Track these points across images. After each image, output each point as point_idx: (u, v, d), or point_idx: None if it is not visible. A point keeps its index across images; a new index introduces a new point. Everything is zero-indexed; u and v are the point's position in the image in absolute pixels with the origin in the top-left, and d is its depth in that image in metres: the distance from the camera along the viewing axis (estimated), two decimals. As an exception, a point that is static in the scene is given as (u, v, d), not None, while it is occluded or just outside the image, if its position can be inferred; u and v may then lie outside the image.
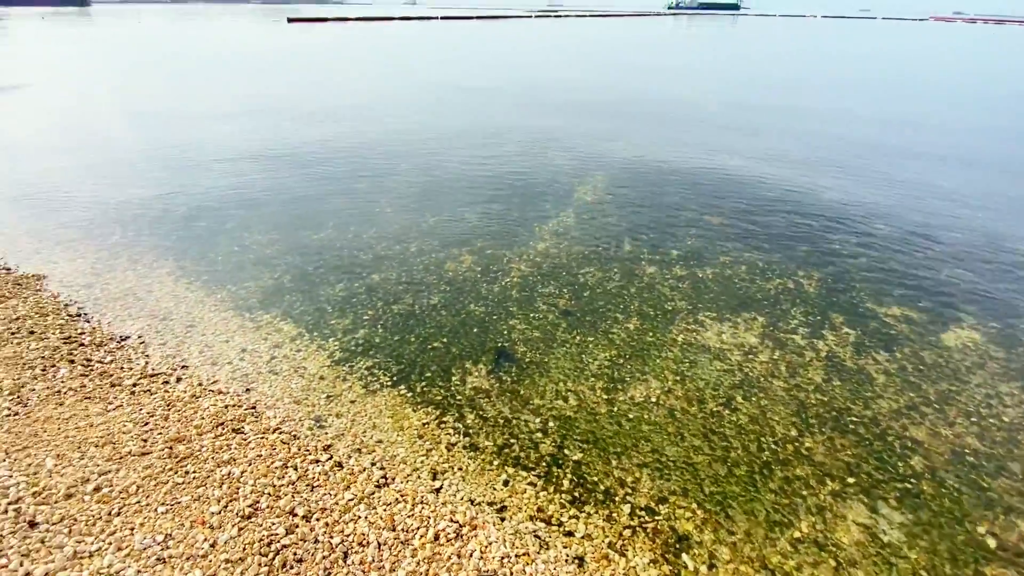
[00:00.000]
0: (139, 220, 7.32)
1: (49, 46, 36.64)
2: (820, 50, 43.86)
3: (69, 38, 44.73)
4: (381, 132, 12.65)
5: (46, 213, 7.46)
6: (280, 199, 8.23)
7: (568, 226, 7.39)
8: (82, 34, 50.16)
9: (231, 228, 7.15)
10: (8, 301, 5.02)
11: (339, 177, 9.29)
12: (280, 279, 5.88)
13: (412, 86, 20.37)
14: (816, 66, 31.01)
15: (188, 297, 5.43)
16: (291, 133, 12.34)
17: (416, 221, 7.52)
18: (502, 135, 12.44)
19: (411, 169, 9.79)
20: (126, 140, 11.56)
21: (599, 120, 14.41)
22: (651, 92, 19.49)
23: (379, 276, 5.99)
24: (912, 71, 29.54)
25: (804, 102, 18.00)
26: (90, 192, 8.32)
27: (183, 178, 9.10)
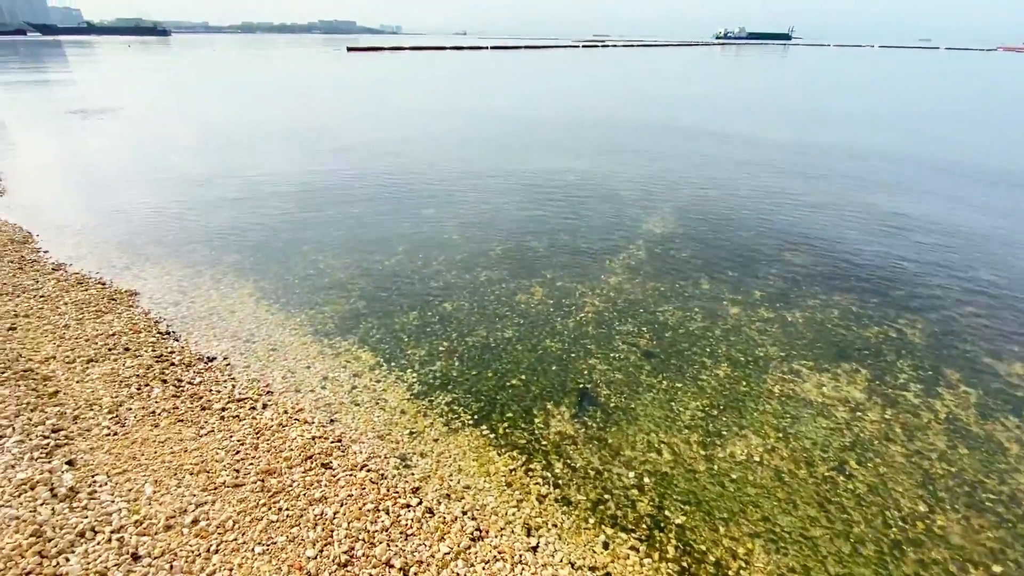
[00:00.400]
0: (219, 239, 7.59)
1: (136, 72, 39.87)
2: (882, 82, 42.38)
3: (153, 65, 48.62)
4: (444, 159, 12.87)
5: (136, 229, 7.86)
6: (349, 223, 8.39)
7: (640, 260, 7.17)
8: (164, 61, 54.47)
9: (306, 251, 7.30)
10: (104, 316, 5.21)
11: (405, 203, 9.43)
12: (355, 304, 5.90)
13: (470, 114, 20.82)
14: (880, 99, 29.86)
15: (269, 319, 5.50)
16: (357, 158, 12.72)
17: (483, 249, 7.48)
18: (562, 164, 12.42)
19: (475, 197, 9.84)
20: (205, 161, 12.20)
21: (658, 151, 14.21)
22: (710, 126, 19.17)
23: (451, 305, 5.93)
24: (988, 103, 27.99)
25: (876, 137, 17.25)
26: (175, 210, 8.74)
27: (258, 199, 9.45)
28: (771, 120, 20.29)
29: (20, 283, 5.79)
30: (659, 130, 17.30)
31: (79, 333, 4.83)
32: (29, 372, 4.09)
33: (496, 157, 13.08)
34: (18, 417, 3.54)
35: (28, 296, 5.48)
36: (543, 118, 19.86)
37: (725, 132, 17.10)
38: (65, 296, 5.56)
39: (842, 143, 15.66)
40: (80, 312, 5.24)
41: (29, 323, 4.92)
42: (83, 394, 3.94)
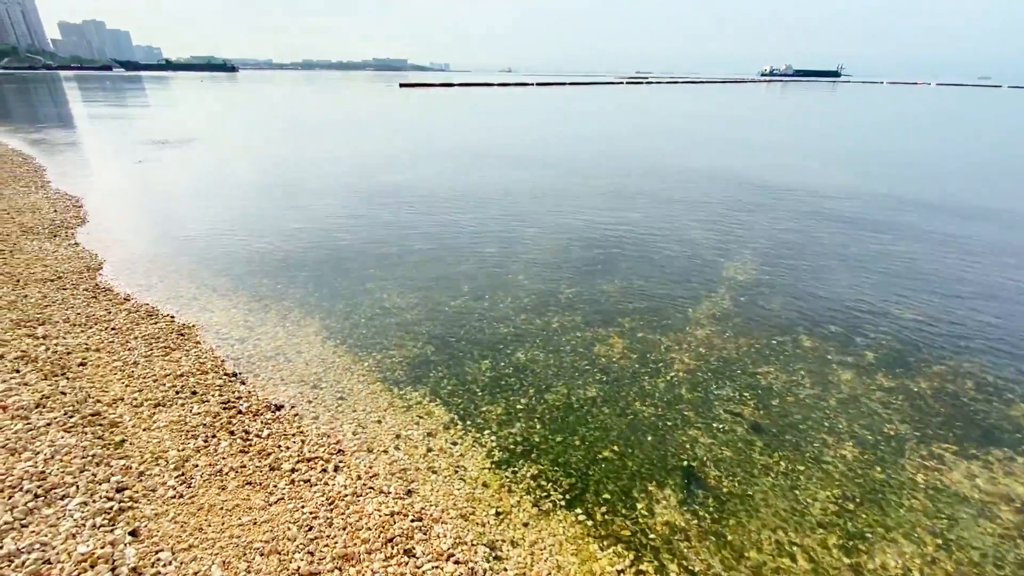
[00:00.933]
0: (285, 272, 7.49)
1: (209, 104, 42.61)
2: (957, 123, 40.42)
3: (224, 98, 51.98)
4: (499, 196, 12.70)
5: (205, 259, 7.88)
6: (413, 259, 8.18)
7: (726, 310, 6.56)
8: (233, 95, 58.23)
9: (371, 288, 7.08)
10: (173, 353, 5.04)
11: (466, 240, 9.18)
12: (424, 349, 5.55)
13: (523, 152, 20.86)
14: (965, 141, 28.31)
15: (336, 362, 5.21)
16: (416, 193, 12.72)
17: (552, 292, 7.06)
18: (624, 204, 12.00)
19: (538, 234, 9.51)
20: (273, 192, 12.45)
21: (724, 196, 13.61)
22: (772, 170, 18.45)
23: (524, 355, 5.49)
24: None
25: (973, 184, 16.09)
26: (243, 241, 8.78)
27: (322, 231, 9.43)
28: (844, 166, 19.38)
29: (93, 313, 5.75)
30: (719, 174, 16.72)
31: (148, 372, 4.64)
32: (97, 417, 3.87)
33: (554, 196, 12.81)
34: (83, 472, 3.28)
35: (100, 328, 5.41)
36: (597, 158, 19.66)
37: (792, 177, 16.35)
38: (135, 329, 5.46)
39: (944, 191, 14.63)
40: (149, 347, 5.09)
41: (99, 358, 4.79)
42: (149, 445, 3.67)
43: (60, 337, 5.09)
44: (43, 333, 5.09)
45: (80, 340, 5.09)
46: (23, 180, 12.14)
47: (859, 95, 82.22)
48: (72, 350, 4.87)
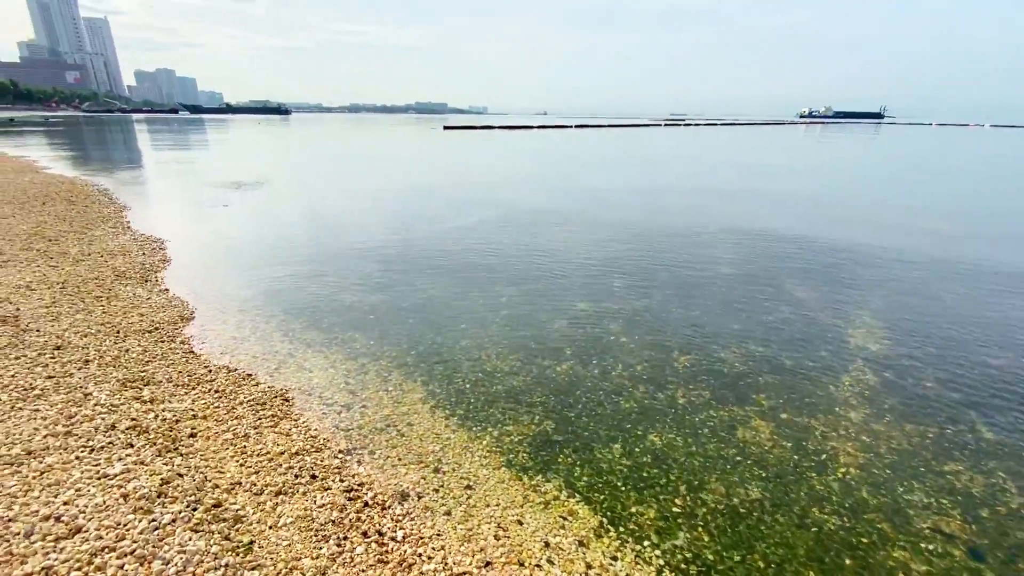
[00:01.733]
0: (375, 326, 7.16)
1: (272, 146, 44.81)
2: None
3: (284, 139, 54.71)
4: (575, 241, 12.31)
5: (293, 309, 7.65)
6: (503, 314, 7.74)
7: (874, 387, 5.77)
8: (292, 136, 61.31)
9: (466, 346, 6.65)
10: (281, 423, 4.66)
11: (554, 291, 8.73)
12: (542, 426, 4.99)
13: (590, 194, 20.64)
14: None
15: (451, 439, 4.70)
16: (492, 237, 12.47)
17: (663, 358, 6.44)
18: (710, 254, 11.38)
19: (627, 288, 8.97)
20: (350, 235, 12.43)
21: (819, 251, 12.82)
22: (864, 224, 17.54)
23: (659, 438, 4.85)
24: None
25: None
26: (327, 288, 8.58)
27: (404, 277, 9.17)
28: (948, 216, 18.29)
29: (193, 372, 5.48)
30: (803, 230, 15.95)
31: (260, 447, 4.25)
32: (220, 509, 3.45)
33: (628, 246, 12.31)
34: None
35: (203, 390, 5.11)
36: (664, 210, 19.21)
37: (886, 233, 15.42)
38: (238, 392, 5.13)
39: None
40: (256, 416, 4.72)
41: (208, 429, 4.44)
42: (280, 549, 3.20)
43: (166, 401, 4.79)
44: (149, 396, 4.81)
45: (186, 405, 4.78)
46: (110, 221, 12.54)
47: (922, 138, 79.86)
48: (180, 417, 4.55)
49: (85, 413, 4.35)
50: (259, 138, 57.86)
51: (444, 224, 13.83)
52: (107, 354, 5.55)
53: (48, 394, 4.60)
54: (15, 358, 5.20)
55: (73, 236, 10.69)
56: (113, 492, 3.41)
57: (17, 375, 4.87)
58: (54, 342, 5.63)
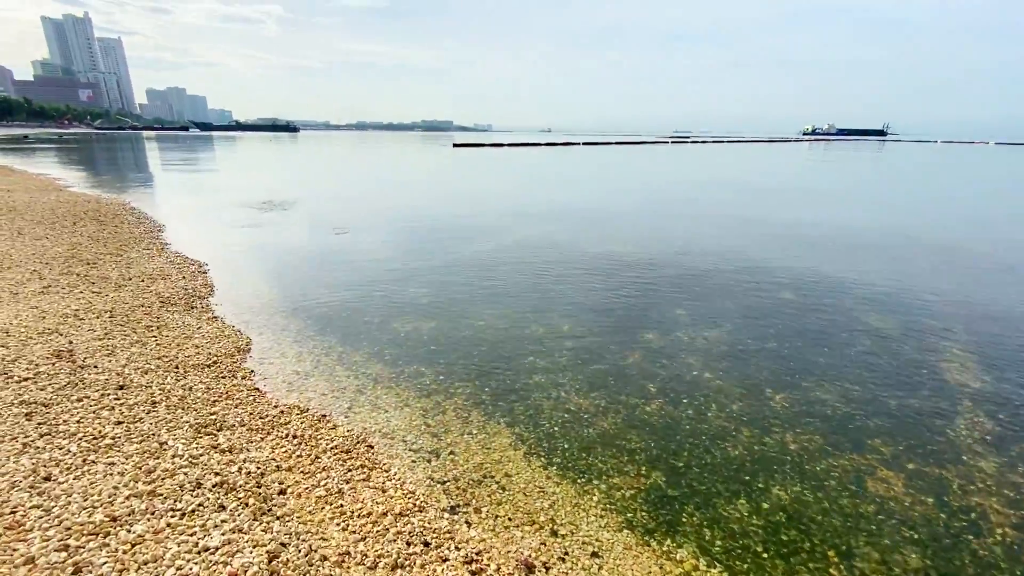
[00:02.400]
0: (439, 357, 6.76)
1: (290, 164, 44.89)
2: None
3: (299, 157, 54.96)
4: (631, 263, 11.93)
5: (351, 339, 7.26)
6: (570, 344, 7.33)
7: (995, 433, 5.31)
8: (305, 153, 61.64)
9: (541, 383, 6.23)
10: (373, 476, 4.24)
11: (618, 320, 8.32)
12: (652, 478, 4.56)
13: (622, 213, 20.34)
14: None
15: (558, 494, 4.27)
16: (538, 255, 12.12)
17: (758, 397, 6.00)
18: (767, 278, 10.98)
19: (693, 317, 8.56)
20: (391, 258, 12.09)
21: (887, 276, 12.41)
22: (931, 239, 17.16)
23: (783, 492, 4.41)
24: None
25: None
26: (379, 315, 8.20)
27: (456, 306, 8.78)
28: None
29: (265, 413, 5.08)
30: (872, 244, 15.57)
31: (359, 507, 3.83)
32: (339, 590, 3.02)
33: (679, 264, 11.93)
34: None
35: (279, 435, 4.70)
36: (707, 226, 18.88)
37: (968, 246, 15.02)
38: (317, 438, 4.72)
39: (1089, 261, 12.97)
40: (345, 467, 4.31)
41: (297, 483, 4.03)
42: (418, 643, 2.77)
43: (245, 450, 4.39)
44: (227, 444, 4.41)
45: (266, 454, 4.37)
46: (143, 241, 12.26)
47: (928, 158, 79.82)
48: (264, 469, 4.14)
49: (165, 467, 3.94)
50: (273, 155, 58.23)
51: (483, 244, 13.49)
52: (172, 394, 5.17)
53: (120, 443, 4.20)
54: (77, 400, 4.81)
55: (110, 258, 10.39)
56: (220, 572, 2.99)
57: (84, 420, 4.48)
58: (116, 380, 5.25)
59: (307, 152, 68.37)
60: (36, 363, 5.45)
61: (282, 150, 70.77)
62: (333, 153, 66.77)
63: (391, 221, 17.07)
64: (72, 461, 3.89)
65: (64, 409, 4.63)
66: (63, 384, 5.06)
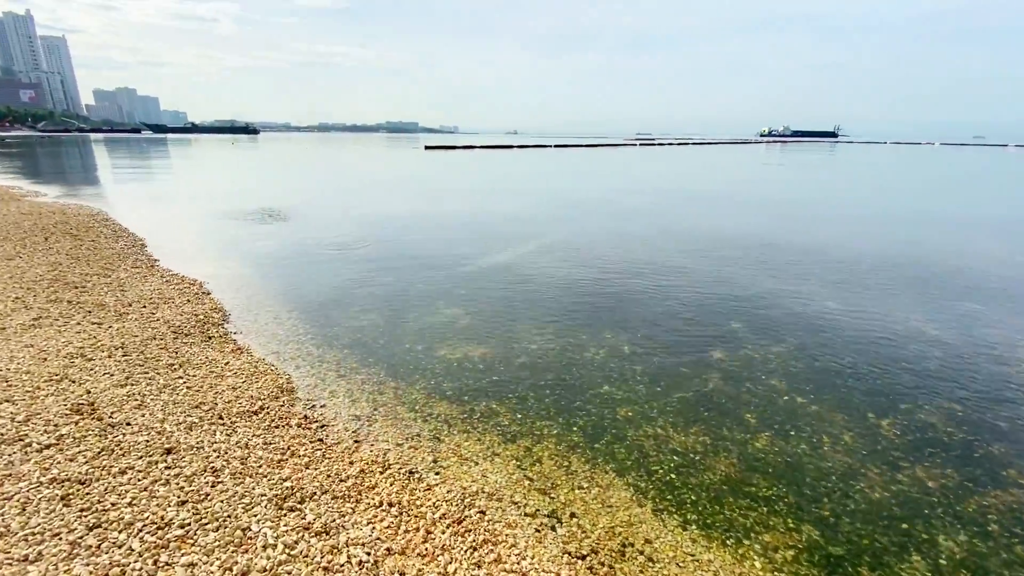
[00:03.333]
0: (510, 392, 6.09)
1: (254, 169, 42.77)
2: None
3: (271, 161, 52.57)
4: (656, 271, 11.48)
5: (393, 367, 6.50)
6: (637, 369, 6.79)
7: (1124, 458, 5.05)
8: (276, 157, 59.13)
9: (631, 417, 5.65)
10: (501, 552, 3.56)
11: (676, 337, 7.82)
12: (806, 533, 4.04)
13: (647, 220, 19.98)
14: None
15: (714, 563, 3.70)
16: (562, 273, 11.54)
17: (864, 425, 5.60)
18: (806, 281, 10.72)
19: (750, 331, 8.14)
20: (404, 269, 11.26)
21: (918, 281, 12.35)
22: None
23: (952, 543, 3.98)
24: None
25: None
26: (425, 342, 7.44)
27: (501, 326, 8.10)
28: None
29: (342, 474, 4.32)
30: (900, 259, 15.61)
31: (507, 601, 3.15)
32: None
33: (709, 272, 11.58)
34: None
35: (372, 503, 3.96)
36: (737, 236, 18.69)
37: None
38: (417, 505, 4.00)
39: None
40: (467, 545, 3.62)
41: (421, 571, 3.31)
42: None
43: (342, 528, 3.63)
44: (319, 523, 3.64)
45: (369, 532, 3.63)
46: (129, 258, 11.06)
47: (883, 159, 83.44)
48: (376, 555, 3.40)
49: (261, 565, 3.16)
50: (235, 159, 55.67)
51: (501, 255, 12.82)
52: (231, 456, 4.33)
53: (194, 533, 3.38)
54: (120, 472, 3.93)
55: (98, 280, 9.23)
56: None
57: (137, 502, 3.62)
58: (159, 442, 4.37)
59: (274, 154, 65.77)
60: (55, 423, 4.50)
61: (245, 154, 67.88)
62: (301, 155, 64.46)
63: (396, 231, 16.15)
64: (141, 566, 3.05)
65: (108, 487, 3.74)
66: (96, 451, 4.15)
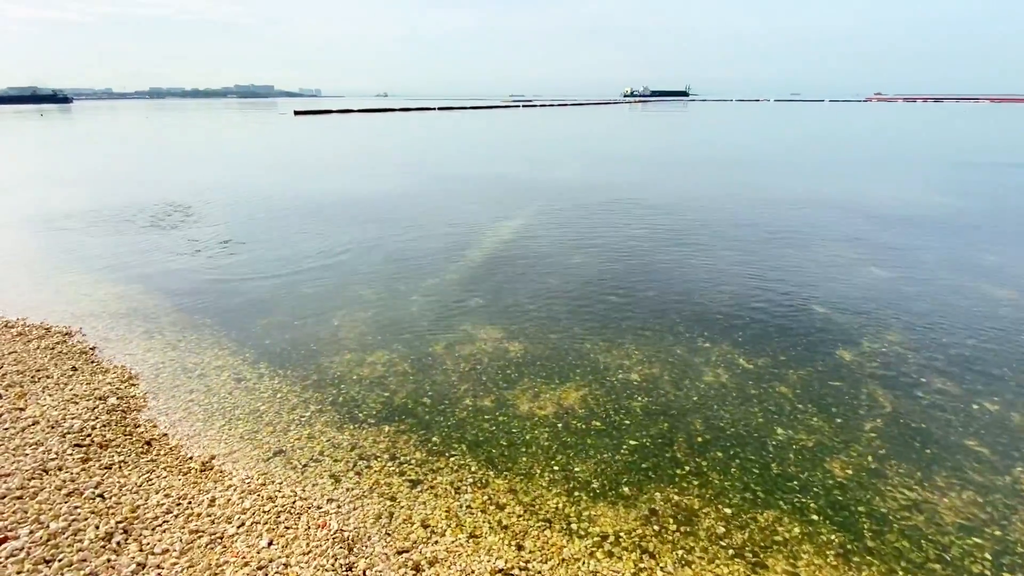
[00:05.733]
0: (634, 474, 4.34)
1: (122, 146, 33.53)
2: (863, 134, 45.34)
3: (114, 136, 41.80)
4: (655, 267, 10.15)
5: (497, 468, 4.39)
6: (781, 391, 5.44)
7: None
8: (116, 131, 47.40)
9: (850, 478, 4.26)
10: None
11: (710, 341, 6.58)
12: None
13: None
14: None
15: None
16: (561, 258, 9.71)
17: None
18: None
19: (858, 323, 7.19)
20: (416, 291, 8.62)
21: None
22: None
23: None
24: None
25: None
26: (445, 411, 5.32)
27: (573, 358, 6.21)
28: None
29: None
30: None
31: None
32: None
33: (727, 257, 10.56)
34: None
35: None
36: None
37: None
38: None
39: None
40: None
41: None
42: None
43: None
44: None
45: None
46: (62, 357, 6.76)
47: (742, 111, 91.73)
48: None
49: None
50: (55, 136, 43.82)
51: (479, 249, 10.60)
52: None
53: None
54: None
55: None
56: None
57: None
58: None
59: (104, 127, 53.06)
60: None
61: (65, 128, 54.08)
62: (139, 128, 52.74)
63: (345, 223, 12.86)
64: None
65: None
66: None
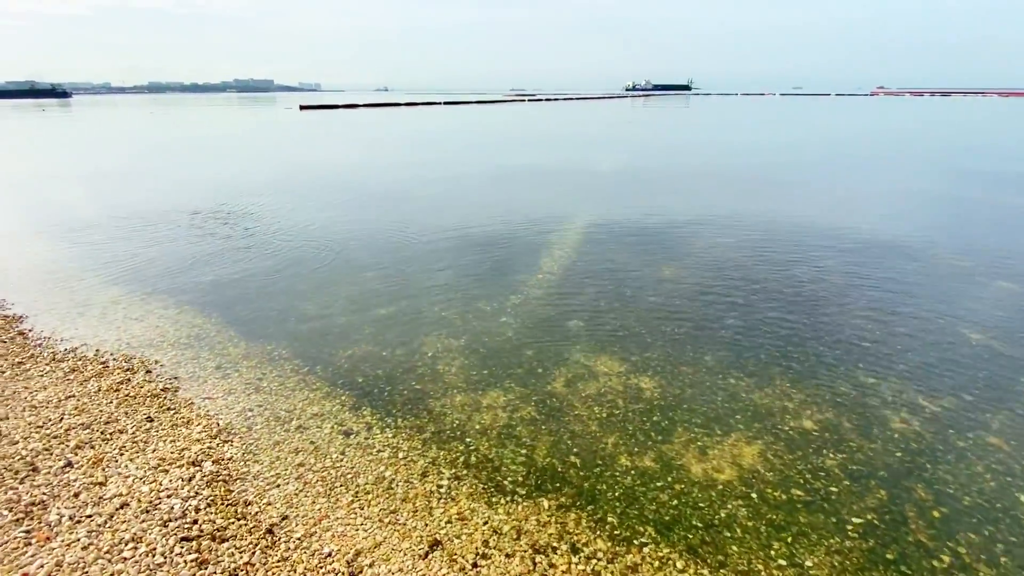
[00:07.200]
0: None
1: (144, 143, 33.13)
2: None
3: (127, 134, 41.40)
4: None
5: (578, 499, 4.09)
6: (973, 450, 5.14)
7: None
8: (124, 128, 47.02)
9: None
10: None
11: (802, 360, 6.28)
12: None
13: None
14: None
15: None
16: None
17: None
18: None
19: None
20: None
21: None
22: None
23: None
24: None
25: None
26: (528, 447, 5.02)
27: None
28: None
29: None
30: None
31: None
32: None
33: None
34: None
35: None
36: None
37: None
38: None
39: None
40: None
41: None
42: None
43: None
44: None
45: None
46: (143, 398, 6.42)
47: (752, 106, 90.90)
48: None
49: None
50: (66, 132, 43.46)
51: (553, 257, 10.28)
52: None
53: None
54: None
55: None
56: None
57: None
58: None
59: (112, 123, 52.59)
60: None
61: (70, 124, 53.60)
62: (148, 124, 52.28)
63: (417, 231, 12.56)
64: None
65: None
66: None
